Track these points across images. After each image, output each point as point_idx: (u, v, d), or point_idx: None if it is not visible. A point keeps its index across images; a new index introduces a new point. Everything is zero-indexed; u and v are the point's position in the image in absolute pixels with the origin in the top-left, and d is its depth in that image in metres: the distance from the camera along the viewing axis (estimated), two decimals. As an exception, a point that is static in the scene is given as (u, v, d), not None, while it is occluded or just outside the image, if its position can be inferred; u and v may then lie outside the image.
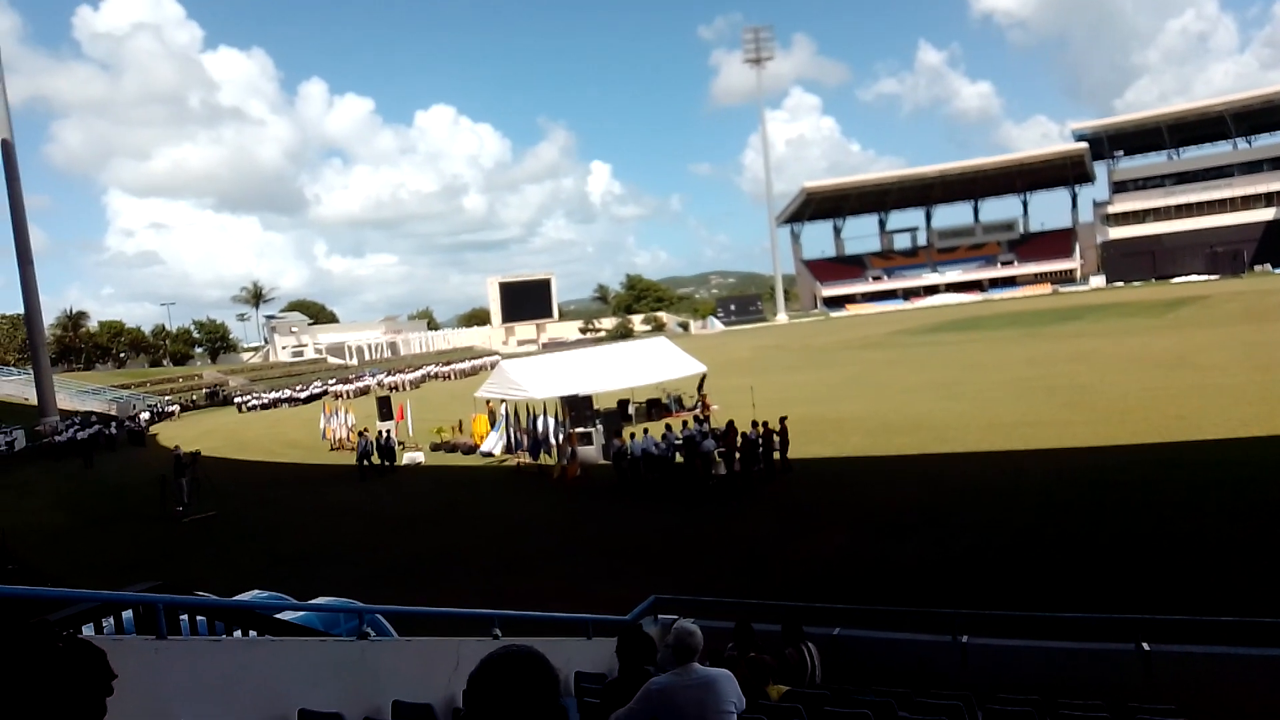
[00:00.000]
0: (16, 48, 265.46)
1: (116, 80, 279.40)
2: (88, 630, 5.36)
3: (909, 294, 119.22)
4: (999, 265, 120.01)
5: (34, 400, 52.44)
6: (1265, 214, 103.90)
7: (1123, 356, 35.13)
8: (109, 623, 5.47)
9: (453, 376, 72.03)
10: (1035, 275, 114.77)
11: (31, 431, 46.05)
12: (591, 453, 24.51)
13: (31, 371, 54.60)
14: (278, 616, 6.86)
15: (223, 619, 5.98)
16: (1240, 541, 12.21)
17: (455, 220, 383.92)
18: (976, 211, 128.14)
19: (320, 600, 10.18)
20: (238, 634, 5.90)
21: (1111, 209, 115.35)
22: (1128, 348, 38.28)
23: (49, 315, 69.35)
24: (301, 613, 8.04)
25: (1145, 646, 7.66)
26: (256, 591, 11.00)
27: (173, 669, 4.85)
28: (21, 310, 56.07)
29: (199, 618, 5.81)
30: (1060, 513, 14.77)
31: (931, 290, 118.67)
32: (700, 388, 31.47)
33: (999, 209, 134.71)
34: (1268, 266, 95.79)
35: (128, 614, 5.60)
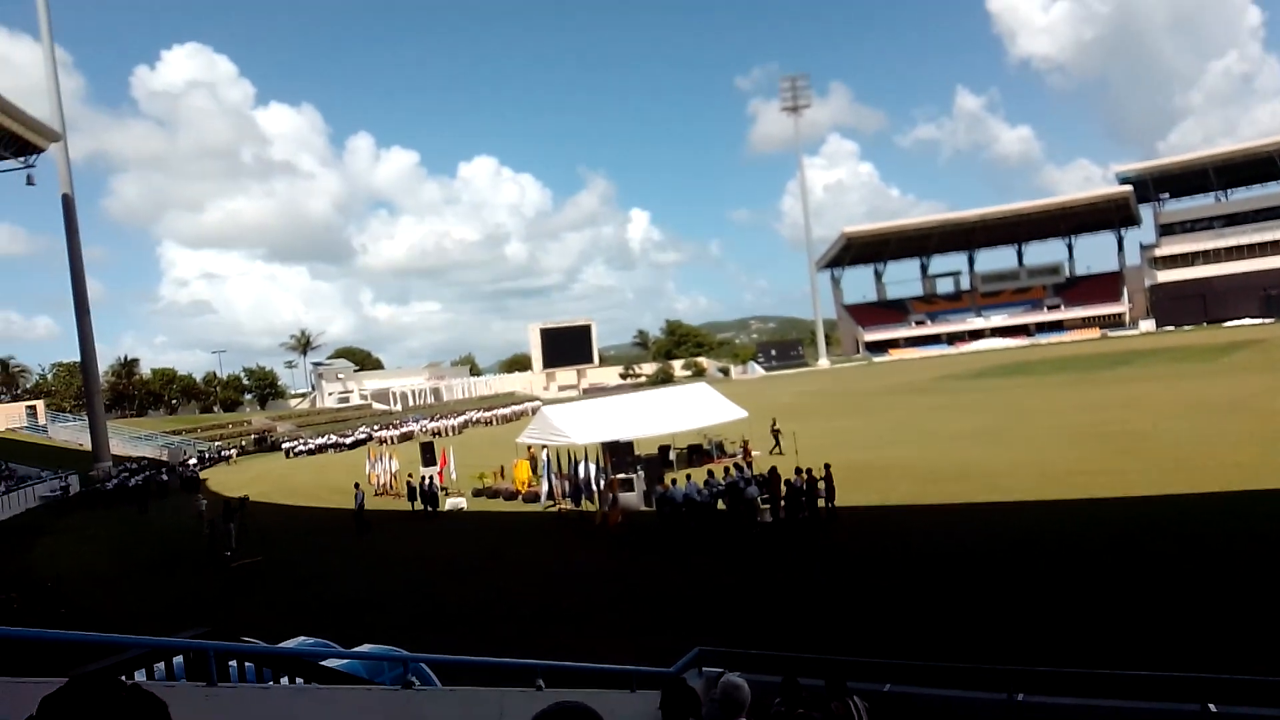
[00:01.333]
0: (79, 108, 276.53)
1: (172, 136, 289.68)
2: (139, 676, 5.43)
3: (953, 338, 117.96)
4: (1045, 309, 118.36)
5: (89, 446, 53.66)
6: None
7: (1177, 402, 34.25)
8: (160, 668, 5.54)
9: (495, 422, 72.58)
10: (1083, 319, 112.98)
11: (86, 476, 47.08)
12: (633, 499, 24.39)
13: (87, 418, 56.05)
14: (323, 664, 6.88)
15: (270, 666, 6.02)
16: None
17: (497, 268, 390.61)
18: (1020, 255, 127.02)
19: (364, 648, 10.20)
20: (284, 681, 5.93)
21: (1159, 252, 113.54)
22: (1182, 393, 37.34)
23: (104, 363, 71.56)
24: (346, 660, 8.05)
25: (1212, 708, 7.35)
26: (302, 638, 11.06)
27: (223, 716, 4.88)
28: (78, 358, 57.83)
29: (247, 664, 5.86)
30: (1117, 564, 14.33)
31: (976, 335, 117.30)
32: (774, 428, 31.20)
33: (1043, 253, 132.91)
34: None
35: (178, 660, 5.66)
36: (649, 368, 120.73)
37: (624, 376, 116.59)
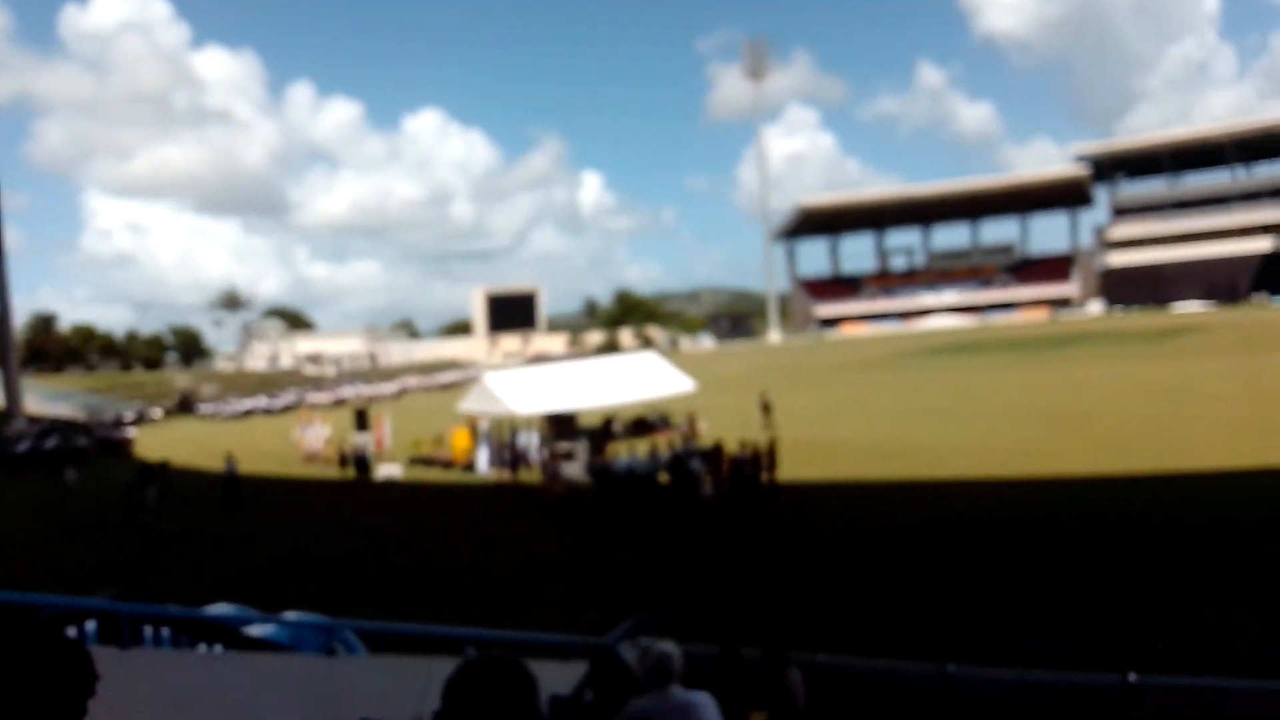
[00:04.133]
0: (2, 46, 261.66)
1: (103, 79, 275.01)
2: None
3: (905, 315, 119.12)
4: (997, 288, 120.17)
5: (1, 403, 51.50)
6: (1262, 244, 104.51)
7: (1122, 385, 35.06)
8: (71, 632, 5.29)
9: (434, 389, 71.72)
10: (1033, 300, 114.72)
11: (-1, 435, 44.82)
12: (574, 470, 24.15)
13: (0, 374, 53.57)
14: (244, 631, 6.69)
15: (188, 632, 5.81)
16: (1234, 574, 12.05)
17: (442, 228, 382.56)
18: (975, 233, 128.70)
19: (287, 615, 9.96)
20: (202, 648, 5.74)
21: (1111, 234, 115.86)
22: (1127, 376, 38.22)
23: (19, 317, 68.03)
24: (269, 627, 7.84)
25: (1132, 678, 7.53)
26: (223, 605, 10.75)
27: (136, 681, 4.71)
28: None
29: (163, 630, 5.65)
30: (1053, 542, 14.57)
31: (928, 312, 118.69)
32: (764, 400, 30.92)
33: (998, 231, 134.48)
34: (1265, 296, 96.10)
35: (91, 624, 5.42)
36: (596, 336, 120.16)
37: (570, 345, 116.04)
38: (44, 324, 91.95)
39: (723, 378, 51.00)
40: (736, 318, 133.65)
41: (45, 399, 59.04)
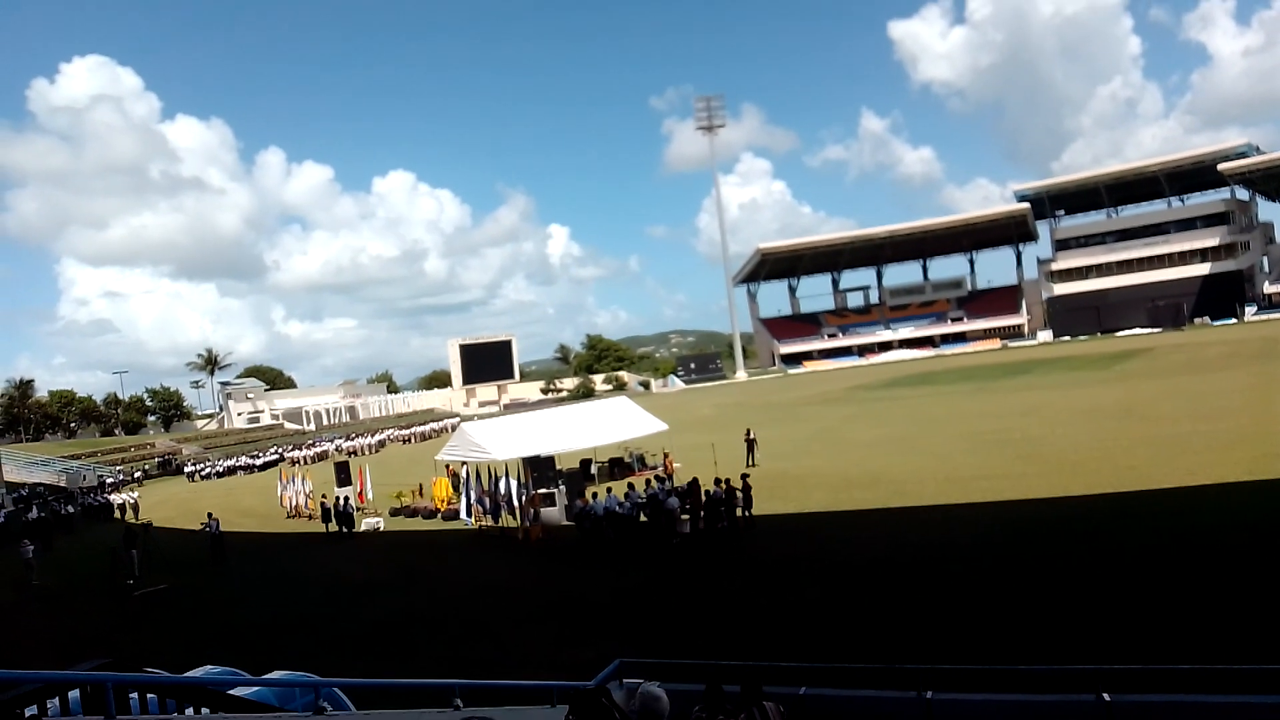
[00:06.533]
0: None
1: (77, 151, 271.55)
2: (30, 713, 5.18)
3: (864, 350, 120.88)
4: (949, 321, 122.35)
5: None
6: (1201, 269, 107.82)
7: (1073, 409, 35.83)
8: (54, 704, 5.30)
9: (413, 440, 71.36)
10: (984, 331, 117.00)
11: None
12: (554, 514, 24.28)
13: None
14: (230, 693, 6.68)
15: (173, 697, 5.84)
16: (1192, 588, 12.43)
17: (416, 284, 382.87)
18: (925, 270, 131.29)
19: (274, 675, 9.89)
20: (189, 712, 5.75)
21: (1055, 266, 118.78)
22: (1077, 400, 39.09)
23: (-3, 385, 66.52)
24: (255, 688, 7.81)
25: (1106, 697, 7.72)
26: (209, 667, 10.65)
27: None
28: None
29: (149, 696, 5.66)
30: (1017, 565, 14.92)
31: (885, 346, 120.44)
32: (748, 437, 30.83)
33: (947, 267, 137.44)
34: (1206, 319, 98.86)
35: (74, 694, 5.43)
36: (570, 382, 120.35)
37: (545, 392, 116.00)
38: (21, 391, 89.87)
39: (693, 417, 51.26)
40: (703, 359, 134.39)
41: (23, 466, 57.58)
